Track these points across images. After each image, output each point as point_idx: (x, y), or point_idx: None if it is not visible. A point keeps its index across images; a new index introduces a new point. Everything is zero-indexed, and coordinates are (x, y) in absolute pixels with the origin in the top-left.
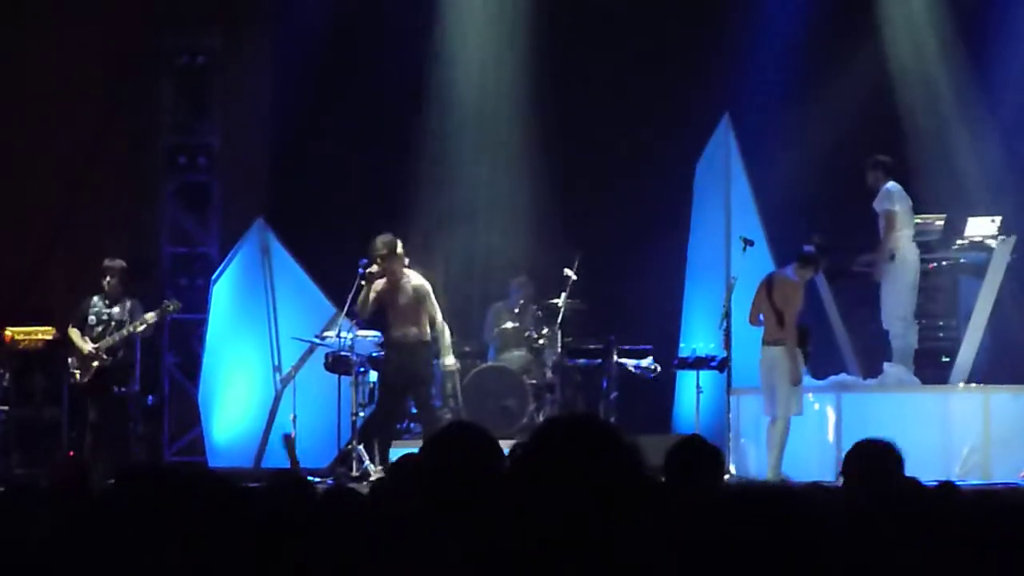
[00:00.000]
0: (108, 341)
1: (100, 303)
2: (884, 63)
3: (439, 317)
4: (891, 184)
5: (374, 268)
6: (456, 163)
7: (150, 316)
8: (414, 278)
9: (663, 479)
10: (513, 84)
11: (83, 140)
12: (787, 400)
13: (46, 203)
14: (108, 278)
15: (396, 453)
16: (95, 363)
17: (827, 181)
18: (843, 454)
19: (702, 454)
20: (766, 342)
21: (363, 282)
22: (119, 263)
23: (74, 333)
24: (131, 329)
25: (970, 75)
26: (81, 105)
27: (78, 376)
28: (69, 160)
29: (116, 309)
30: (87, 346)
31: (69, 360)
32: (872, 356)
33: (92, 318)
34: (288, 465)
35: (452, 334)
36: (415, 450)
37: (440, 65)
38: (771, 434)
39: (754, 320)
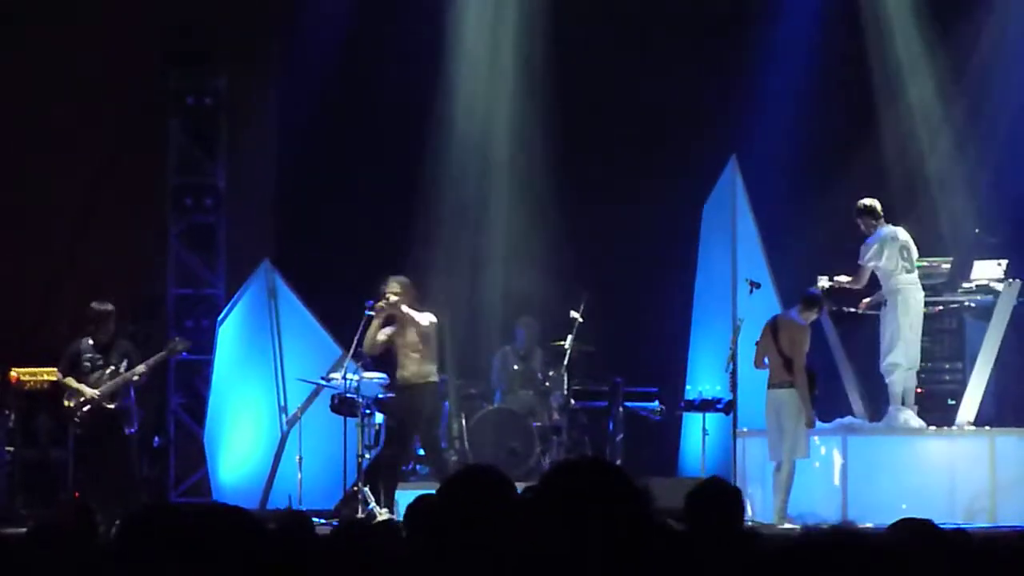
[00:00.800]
0: (109, 387)
1: (90, 348)
2: (892, 106)
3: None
4: (881, 232)
5: (383, 303)
6: (464, 205)
7: (140, 368)
8: (424, 317)
9: (683, 521)
10: (521, 127)
11: (89, 180)
12: (794, 443)
13: (52, 243)
14: (97, 322)
15: (402, 495)
16: (97, 406)
17: (834, 223)
18: (849, 498)
19: (724, 496)
20: (772, 385)
21: (372, 316)
22: (107, 307)
23: (70, 380)
24: (127, 376)
25: (977, 120)
26: (87, 145)
27: (79, 420)
28: (75, 200)
29: (109, 353)
30: (88, 391)
31: (69, 404)
32: (878, 399)
33: (86, 364)
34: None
35: (457, 376)
36: (422, 492)
37: (447, 108)
38: (778, 478)
39: (759, 364)
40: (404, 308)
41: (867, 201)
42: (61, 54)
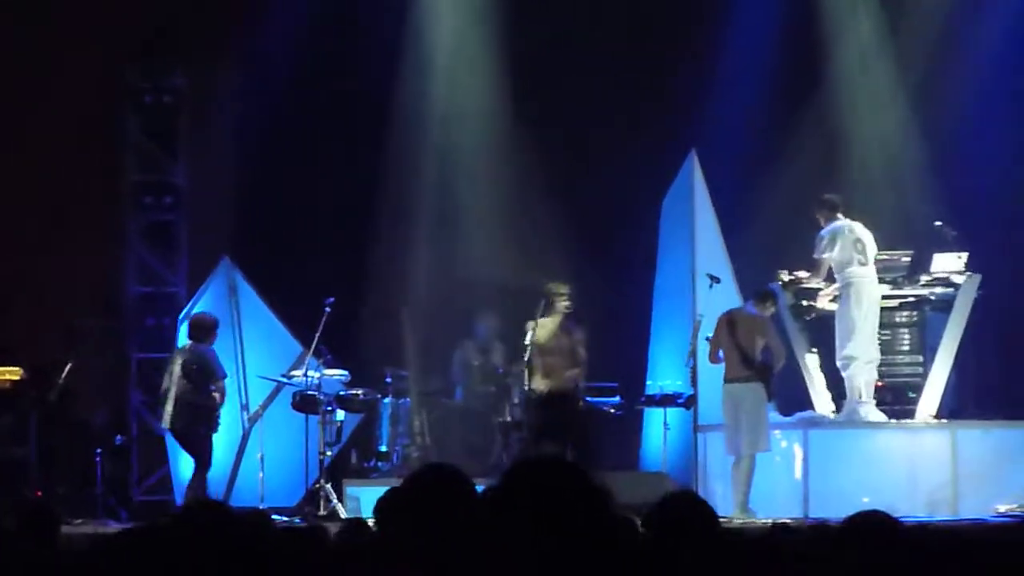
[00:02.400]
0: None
1: None
2: (852, 100)
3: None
4: (835, 224)
5: (564, 304)
6: (424, 202)
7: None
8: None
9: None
10: (481, 123)
11: (48, 179)
12: (754, 437)
13: (10, 242)
14: (202, 332)
15: (362, 492)
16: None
17: (793, 218)
18: (810, 491)
19: (693, 514)
20: (729, 379)
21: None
22: (212, 318)
23: None
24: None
25: (937, 113)
26: (47, 144)
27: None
28: (33, 199)
29: None
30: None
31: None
32: (839, 392)
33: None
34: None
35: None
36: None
37: (407, 105)
38: (738, 472)
39: (714, 358)
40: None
41: (826, 195)
42: (19, 52)
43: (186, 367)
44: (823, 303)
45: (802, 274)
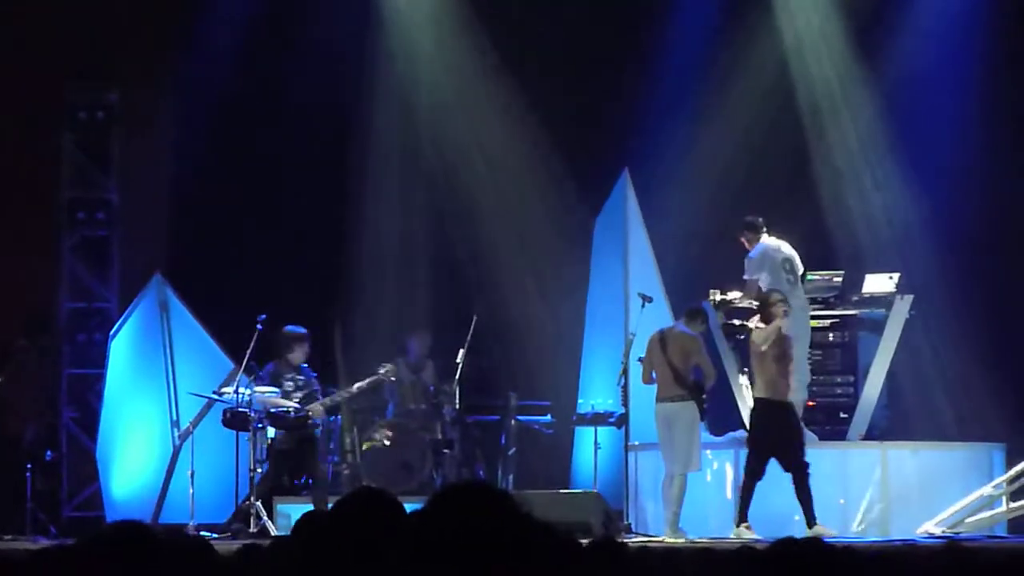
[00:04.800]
0: (322, 405)
1: (290, 368)
2: (780, 119)
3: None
4: (760, 245)
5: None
6: (357, 217)
7: (355, 387)
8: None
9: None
10: (411, 138)
11: None
12: (687, 457)
13: None
14: (291, 345)
15: (293, 510)
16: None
17: (726, 237)
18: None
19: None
20: (660, 399)
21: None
22: (301, 331)
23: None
24: (343, 395)
25: (872, 129)
26: None
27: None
28: None
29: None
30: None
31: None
32: None
33: (288, 384)
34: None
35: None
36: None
37: (342, 119)
38: (669, 490)
39: (647, 379)
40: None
41: (748, 217)
42: None
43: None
44: (753, 324)
45: (733, 294)
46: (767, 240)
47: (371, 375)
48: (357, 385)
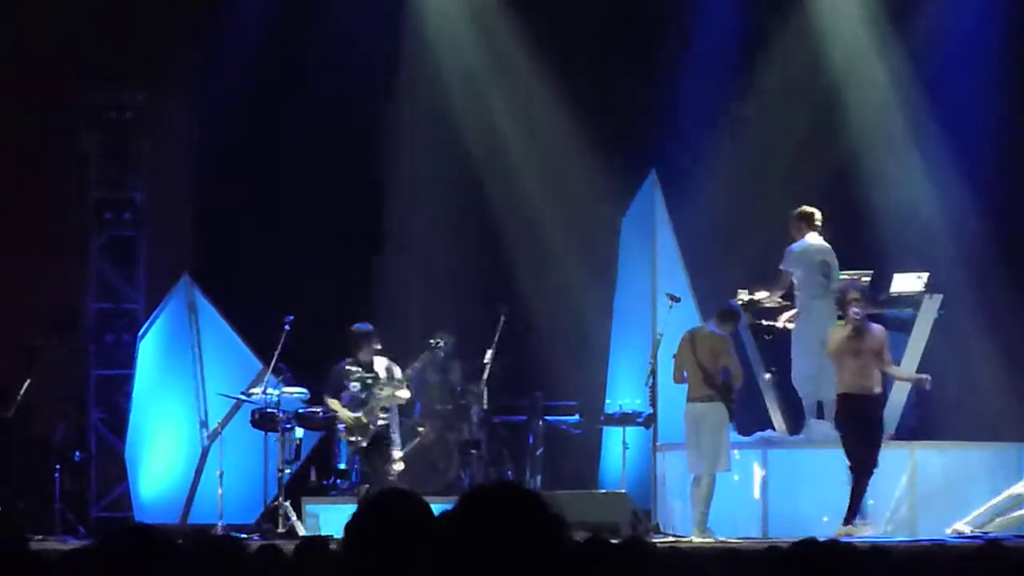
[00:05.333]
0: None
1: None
2: (812, 119)
3: None
4: (804, 241)
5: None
6: (385, 219)
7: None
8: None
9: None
10: (440, 140)
11: (9, 195)
12: (715, 457)
13: None
14: (359, 343)
15: (321, 510)
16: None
17: (753, 237)
18: (769, 511)
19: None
20: (691, 399)
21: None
22: (368, 328)
23: (334, 404)
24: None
25: (903, 130)
26: (7, 160)
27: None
28: None
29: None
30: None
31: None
32: (797, 412)
33: (355, 384)
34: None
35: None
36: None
37: (365, 122)
38: (697, 491)
39: (678, 378)
40: None
41: (806, 208)
42: None
43: None
44: (781, 323)
45: (761, 294)
46: (813, 238)
47: (421, 350)
48: (412, 365)
